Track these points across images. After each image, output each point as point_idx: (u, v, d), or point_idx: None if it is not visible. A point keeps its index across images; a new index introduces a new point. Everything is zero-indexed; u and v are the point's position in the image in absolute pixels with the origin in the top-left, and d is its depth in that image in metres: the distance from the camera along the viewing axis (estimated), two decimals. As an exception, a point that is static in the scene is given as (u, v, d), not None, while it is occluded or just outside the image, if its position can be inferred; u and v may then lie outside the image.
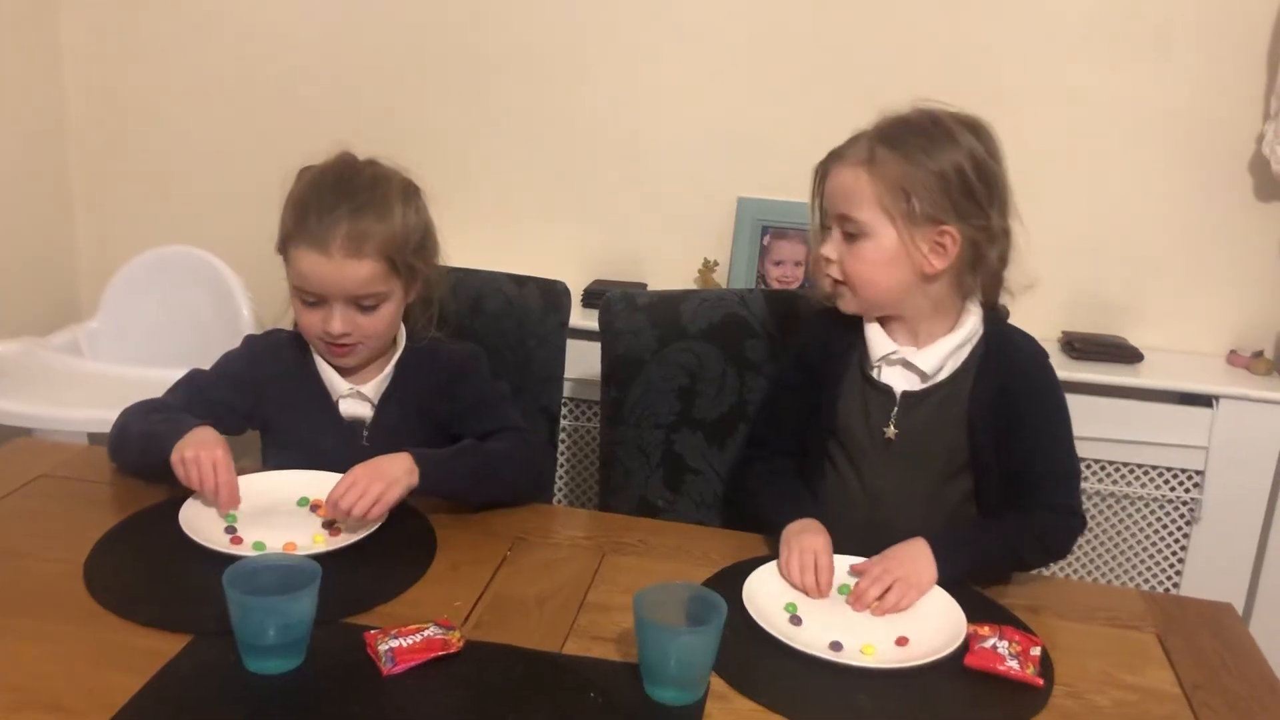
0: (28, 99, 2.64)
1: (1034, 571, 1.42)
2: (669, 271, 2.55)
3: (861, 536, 1.37)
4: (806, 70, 2.43)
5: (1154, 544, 2.32)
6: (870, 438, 1.47)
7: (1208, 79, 2.29)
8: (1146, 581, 2.34)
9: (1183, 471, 2.26)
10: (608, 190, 2.57)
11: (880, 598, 1.25)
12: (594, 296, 2.42)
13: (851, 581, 1.30)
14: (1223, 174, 2.33)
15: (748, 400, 1.77)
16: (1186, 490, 2.27)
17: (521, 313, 1.79)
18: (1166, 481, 2.27)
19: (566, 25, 2.50)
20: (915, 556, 1.29)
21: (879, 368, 1.46)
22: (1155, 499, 2.29)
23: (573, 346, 1.84)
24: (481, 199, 2.60)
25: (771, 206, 2.47)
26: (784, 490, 1.49)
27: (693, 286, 2.51)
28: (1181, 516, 2.29)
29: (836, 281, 1.44)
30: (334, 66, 2.61)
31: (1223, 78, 2.28)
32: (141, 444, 1.43)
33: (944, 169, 1.37)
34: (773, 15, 2.42)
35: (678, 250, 2.54)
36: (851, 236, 1.40)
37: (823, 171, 1.46)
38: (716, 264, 2.51)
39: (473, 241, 2.49)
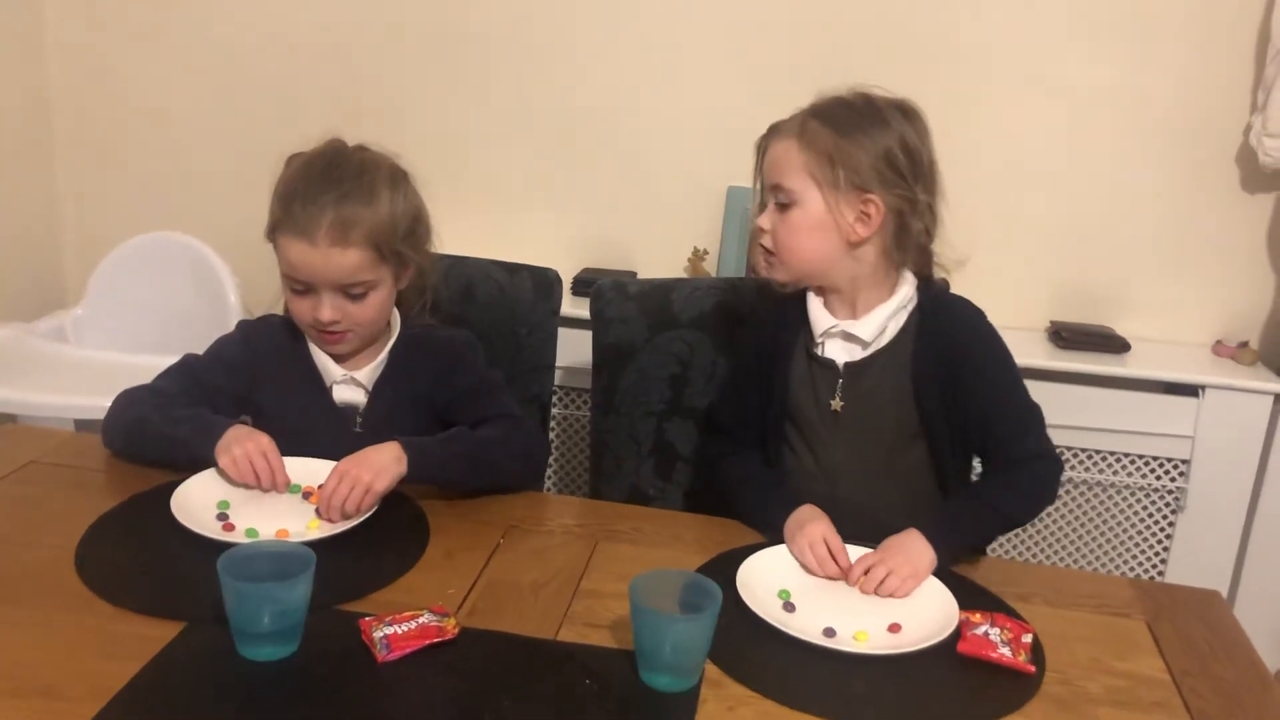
0: (13, 84, 2.62)
1: (1023, 559, 1.43)
2: (659, 260, 2.55)
3: (828, 513, 1.37)
4: (797, 60, 2.42)
5: (1140, 532, 2.34)
6: (819, 413, 1.50)
7: (1195, 70, 2.30)
8: (1132, 569, 2.36)
9: (1169, 460, 2.27)
10: (598, 179, 2.57)
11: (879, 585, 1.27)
12: (584, 285, 2.42)
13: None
14: (1209, 165, 2.34)
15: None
16: (1172, 479, 2.28)
17: (513, 301, 1.78)
18: (1153, 470, 2.29)
19: (558, 12, 2.49)
20: (910, 547, 1.30)
21: (822, 343, 1.48)
22: (1141, 488, 2.30)
23: (562, 334, 1.84)
24: (473, 186, 2.59)
25: (761, 195, 2.47)
26: (767, 485, 1.50)
27: (682, 275, 2.51)
28: (1167, 505, 2.30)
29: (768, 252, 1.47)
30: (323, 51, 2.60)
31: (1210, 69, 2.29)
32: (165, 446, 1.43)
33: (873, 142, 1.42)
34: (763, 3, 2.41)
35: (668, 239, 2.55)
36: (783, 206, 1.44)
37: (763, 146, 1.49)
38: (706, 253, 2.51)
39: (463, 228, 2.47)
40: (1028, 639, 1.18)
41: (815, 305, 1.49)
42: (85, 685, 1.01)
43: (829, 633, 1.17)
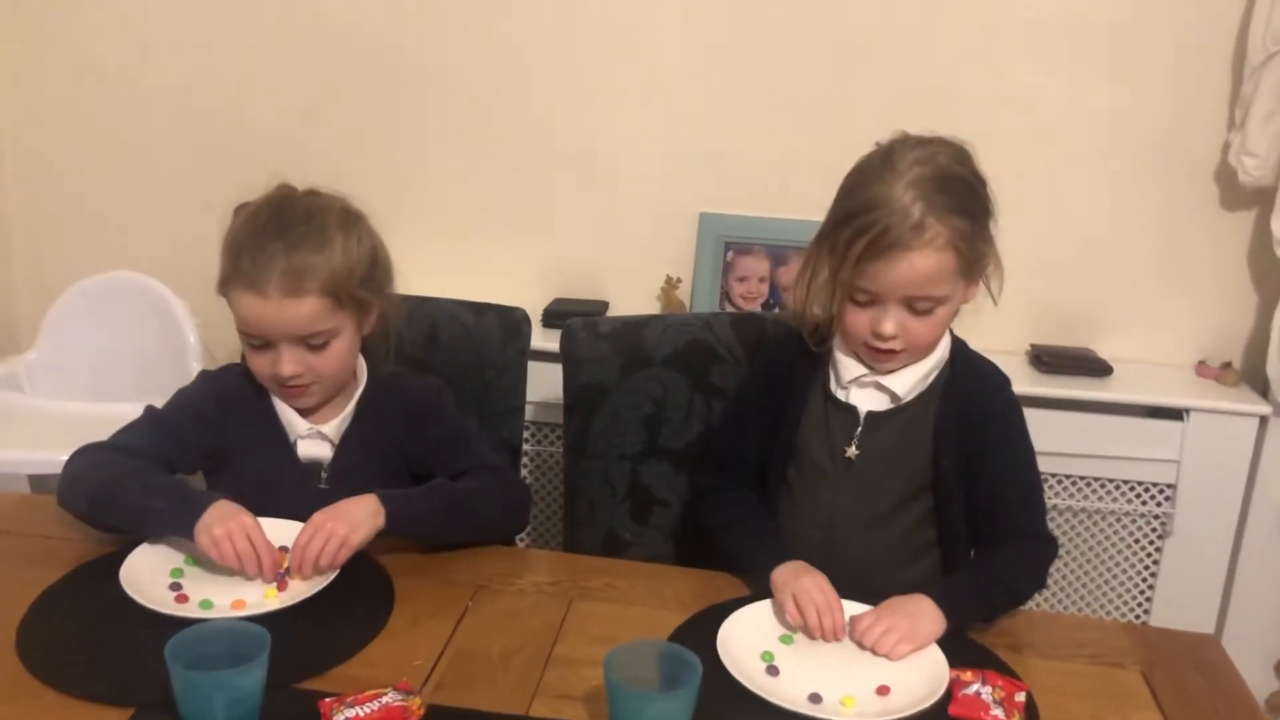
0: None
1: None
2: (631, 289, 2.50)
3: (817, 560, 1.33)
4: (767, 83, 2.39)
5: (1126, 559, 2.30)
6: (830, 458, 1.44)
7: (1173, 88, 2.27)
8: (1120, 596, 2.32)
9: (1154, 485, 2.24)
10: (567, 208, 2.52)
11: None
12: (555, 317, 2.37)
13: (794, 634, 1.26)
14: (1189, 183, 2.31)
15: (715, 427, 1.72)
16: (1158, 504, 2.25)
17: (479, 343, 1.73)
18: (1138, 495, 2.25)
19: (523, 38, 2.44)
20: (915, 610, 1.25)
21: (848, 389, 1.43)
22: (1127, 514, 2.26)
23: (533, 369, 1.78)
24: (439, 219, 2.54)
25: (734, 222, 2.43)
26: (760, 529, 1.45)
27: (655, 304, 2.47)
28: (1154, 530, 2.27)
29: (893, 351, 1.37)
30: (284, 88, 2.53)
31: (1188, 87, 2.26)
32: (136, 516, 1.32)
33: (987, 208, 1.36)
34: (731, 27, 2.37)
35: (640, 267, 2.49)
36: (921, 311, 1.34)
37: (875, 253, 1.30)
38: (679, 281, 2.46)
39: (430, 263, 2.42)
40: (1021, 698, 1.13)
41: (843, 351, 1.43)
42: (23, 784, 0.95)
43: (815, 698, 1.12)
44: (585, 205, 2.51)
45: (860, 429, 1.42)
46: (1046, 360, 2.29)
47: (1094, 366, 2.29)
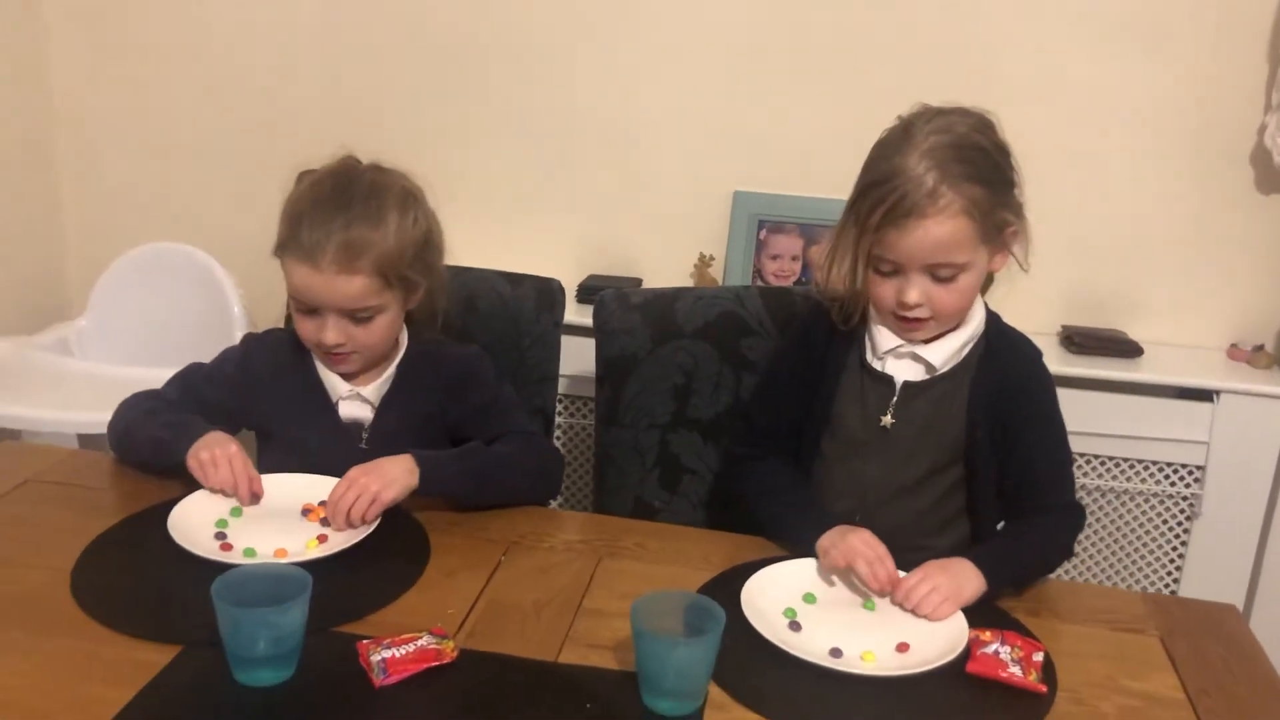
0: (15, 94, 2.61)
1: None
2: (664, 266, 2.53)
3: (850, 525, 1.35)
4: (803, 63, 2.40)
5: (1154, 540, 2.31)
6: (865, 427, 1.47)
7: (1208, 71, 2.27)
8: (1147, 577, 2.33)
9: (1183, 466, 2.24)
10: (602, 185, 2.55)
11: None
12: (588, 292, 2.40)
13: (872, 597, 1.28)
14: (1223, 166, 2.31)
15: (744, 399, 1.75)
16: (1187, 485, 2.25)
17: (516, 312, 1.76)
18: (1167, 477, 2.26)
19: (561, 17, 2.47)
20: (960, 572, 1.26)
21: (884, 359, 1.45)
22: (1155, 494, 2.27)
23: (567, 343, 1.82)
24: (476, 194, 2.58)
25: (768, 200, 2.45)
26: (798, 500, 1.46)
27: (688, 281, 2.49)
28: (1182, 512, 2.27)
29: (920, 320, 1.39)
30: (326, 61, 2.58)
31: (1223, 70, 2.26)
32: (150, 447, 1.44)
33: (1008, 177, 1.37)
34: (768, 7, 2.39)
35: (673, 245, 2.52)
36: (943, 278, 1.36)
37: (900, 223, 1.32)
38: (712, 259, 2.49)
39: (466, 236, 2.46)
40: (1039, 657, 1.15)
41: (879, 323, 1.45)
42: (78, 711, 0.99)
43: (835, 653, 1.15)
44: (620, 183, 2.54)
45: (896, 399, 1.44)
46: (1077, 341, 2.30)
47: (1125, 348, 2.29)
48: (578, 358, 2.04)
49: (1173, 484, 2.26)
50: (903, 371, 1.45)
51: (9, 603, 1.17)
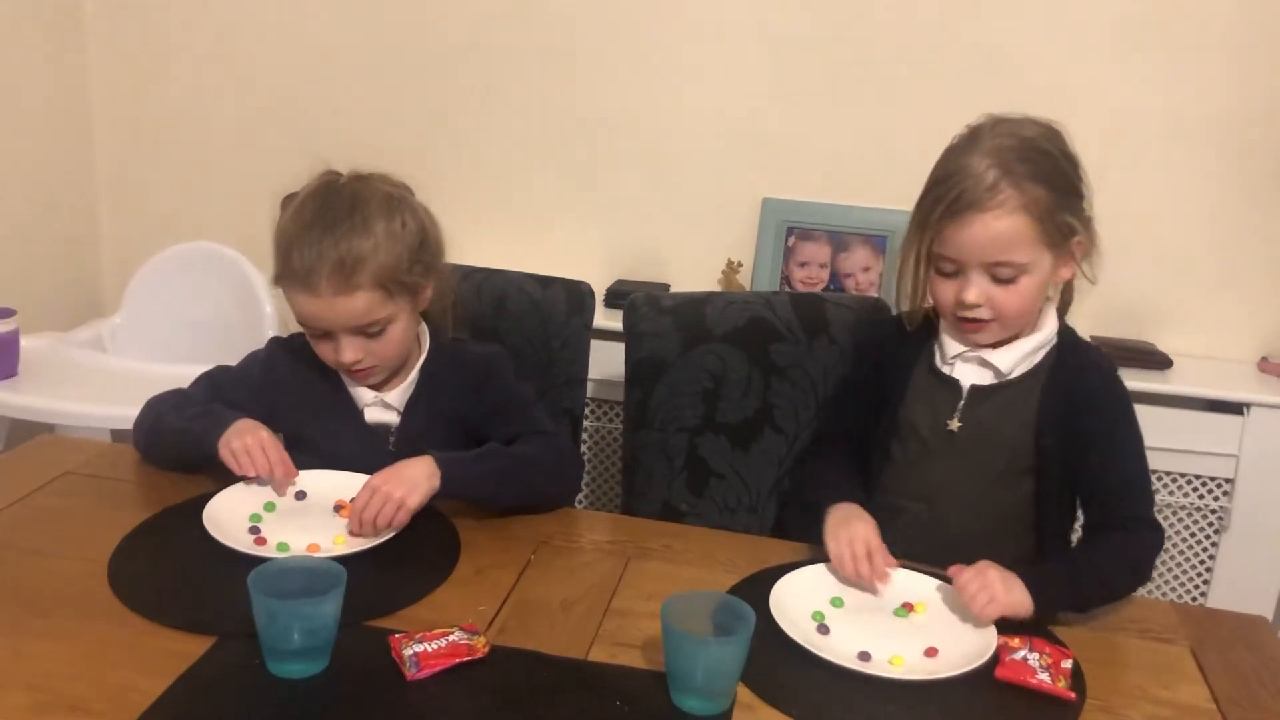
0: (53, 94, 2.65)
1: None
2: (692, 272, 2.54)
3: (917, 532, 1.39)
4: (833, 71, 2.41)
5: (1182, 552, 2.29)
6: (934, 430, 1.46)
7: (1242, 80, 2.25)
8: (1174, 590, 2.31)
9: (1212, 479, 2.23)
10: (631, 190, 2.56)
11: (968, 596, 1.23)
12: (617, 297, 2.41)
13: (910, 600, 1.28)
14: (1255, 178, 2.30)
15: (772, 404, 1.75)
16: (1216, 499, 2.24)
17: (546, 314, 1.78)
18: (1195, 489, 2.24)
19: (593, 23, 2.48)
20: (1011, 581, 1.24)
21: (953, 363, 1.45)
22: (1184, 507, 2.26)
23: (595, 347, 1.83)
24: (505, 198, 2.59)
25: (797, 207, 2.46)
26: (830, 478, 1.48)
27: (716, 287, 2.50)
28: (1210, 525, 2.26)
29: (980, 321, 1.39)
30: (361, 64, 2.61)
31: (1257, 79, 2.25)
32: (177, 439, 1.44)
33: (1073, 181, 1.37)
34: (799, 15, 2.40)
35: (701, 251, 2.53)
36: (1004, 279, 1.36)
37: (950, 215, 1.34)
38: (740, 265, 2.49)
39: (496, 240, 2.48)
40: (1068, 664, 1.15)
41: (946, 327, 1.45)
42: (115, 700, 1.01)
43: (864, 656, 1.15)
44: (649, 188, 2.55)
45: (963, 402, 1.43)
46: (1107, 352, 2.28)
47: (1154, 359, 2.28)
48: (605, 362, 2.04)
49: (1201, 497, 2.25)
50: (970, 376, 1.44)
51: (48, 592, 1.19)
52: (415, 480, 1.35)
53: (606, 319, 2.09)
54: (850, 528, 1.31)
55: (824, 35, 2.40)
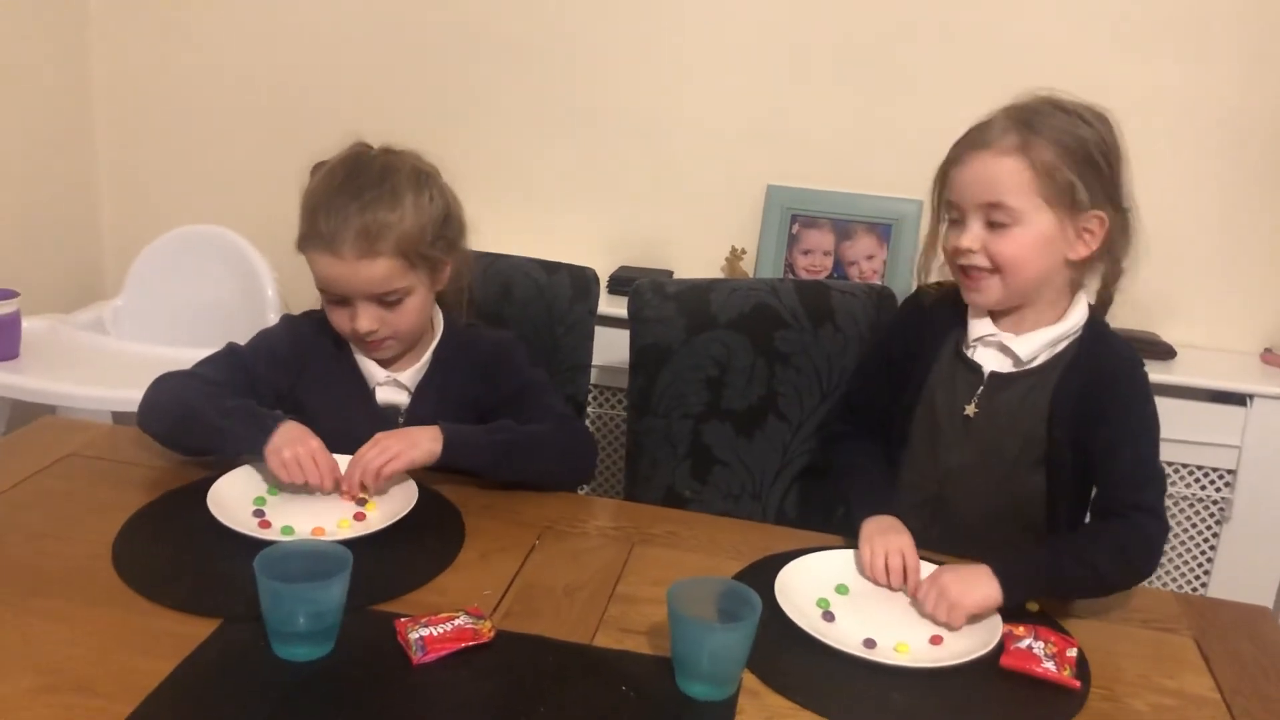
0: (55, 76, 2.64)
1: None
2: (696, 259, 2.54)
3: (929, 513, 1.39)
4: (839, 59, 2.40)
5: (1184, 543, 2.30)
6: (950, 414, 1.45)
7: (1247, 75, 2.25)
8: (1175, 580, 2.32)
9: (1214, 470, 2.23)
10: (635, 176, 2.56)
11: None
12: (620, 283, 2.41)
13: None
14: (1258, 169, 2.29)
15: (777, 391, 1.75)
16: (1218, 489, 2.24)
17: (550, 299, 1.77)
18: (1198, 480, 2.24)
19: (598, 11, 2.48)
20: (971, 580, 1.23)
21: (974, 347, 1.44)
22: (1186, 497, 2.26)
23: (599, 333, 1.82)
24: (510, 185, 2.59)
25: (801, 195, 2.45)
26: (872, 480, 1.47)
27: (719, 274, 2.49)
28: (1211, 516, 2.26)
29: (978, 270, 1.37)
30: (367, 49, 2.60)
31: (1262, 74, 2.24)
32: (210, 434, 1.39)
33: (1091, 153, 1.35)
34: (805, 2, 2.39)
35: (705, 238, 2.53)
36: (998, 225, 1.34)
37: (958, 158, 1.37)
38: (744, 252, 2.49)
39: (500, 225, 2.46)
40: (1072, 653, 1.15)
41: (974, 309, 1.44)
42: (120, 682, 1.01)
43: (869, 644, 1.15)
44: (653, 175, 2.55)
45: (982, 388, 1.43)
46: (1115, 343, 2.29)
47: (1157, 350, 2.28)
48: (608, 348, 2.04)
49: (1203, 488, 2.25)
50: (990, 362, 1.43)
51: (53, 574, 1.19)
52: (417, 439, 1.38)
53: (611, 305, 2.08)
54: (888, 539, 1.30)
55: (829, 23, 2.39)
